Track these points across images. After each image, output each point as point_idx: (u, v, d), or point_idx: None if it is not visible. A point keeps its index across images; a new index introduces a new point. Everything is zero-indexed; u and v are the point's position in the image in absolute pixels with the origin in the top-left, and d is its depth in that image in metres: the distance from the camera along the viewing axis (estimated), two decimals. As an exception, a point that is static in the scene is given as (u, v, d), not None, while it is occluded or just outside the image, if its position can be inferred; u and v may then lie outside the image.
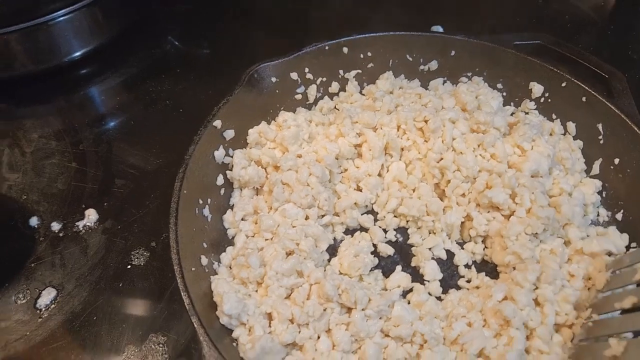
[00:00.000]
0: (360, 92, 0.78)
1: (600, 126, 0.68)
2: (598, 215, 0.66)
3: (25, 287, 0.61)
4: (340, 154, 0.69)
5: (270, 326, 0.54)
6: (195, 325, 0.49)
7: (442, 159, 0.67)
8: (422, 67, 0.78)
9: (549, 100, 0.73)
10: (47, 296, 0.61)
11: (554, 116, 0.73)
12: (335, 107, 0.76)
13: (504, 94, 0.76)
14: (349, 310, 0.56)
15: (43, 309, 0.60)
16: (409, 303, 0.58)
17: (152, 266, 0.63)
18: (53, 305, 0.60)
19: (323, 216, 0.65)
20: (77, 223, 0.67)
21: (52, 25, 0.78)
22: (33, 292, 0.61)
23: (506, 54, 0.74)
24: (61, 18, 0.78)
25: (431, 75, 0.78)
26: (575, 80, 0.69)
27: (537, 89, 0.73)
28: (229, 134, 0.68)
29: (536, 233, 0.60)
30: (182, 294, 0.51)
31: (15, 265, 0.63)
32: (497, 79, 0.76)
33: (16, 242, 0.65)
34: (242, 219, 0.65)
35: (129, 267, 0.63)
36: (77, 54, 0.83)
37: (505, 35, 0.77)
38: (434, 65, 0.78)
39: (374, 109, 0.74)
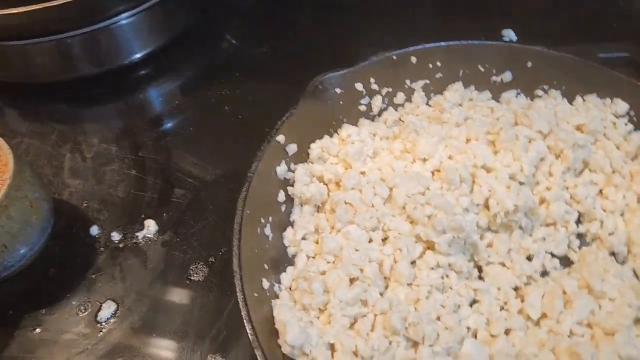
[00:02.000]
0: (427, 104, 0.74)
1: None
2: None
3: (86, 299, 0.61)
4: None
5: (333, 358, 0.52)
6: (259, 358, 0.48)
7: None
8: (494, 78, 0.73)
9: (635, 119, 0.67)
10: (108, 309, 0.60)
11: (638, 136, 0.67)
12: (400, 119, 0.73)
13: (584, 109, 0.71)
14: (415, 344, 0.53)
15: (103, 323, 0.59)
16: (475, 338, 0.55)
17: (211, 282, 0.62)
18: (113, 320, 0.60)
19: (386, 239, 0.62)
20: (136, 234, 0.66)
21: (114, 28, 0.76)
22: (94, 305, 0.61)
23: (589, 67, 0.69)
24: (124, 21, 0.76)
25: (504, 87, 0.73)
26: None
27: (621, 106, 0.68)
28: (292, 148, 0.65)
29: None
30: (245, 324, 0.49)
31: (77, 275, 0.63)
32: (577, 93, 0.71)
33: (78, 251, 0.65)
34: (303, 238, 0.63)
35: (187, 282, 0.62)
36: (138, 55, 0.82)
37: (588, 46, 0.71)
38: (507, 76, 0.73)
39: (441, 121, 0.70)
